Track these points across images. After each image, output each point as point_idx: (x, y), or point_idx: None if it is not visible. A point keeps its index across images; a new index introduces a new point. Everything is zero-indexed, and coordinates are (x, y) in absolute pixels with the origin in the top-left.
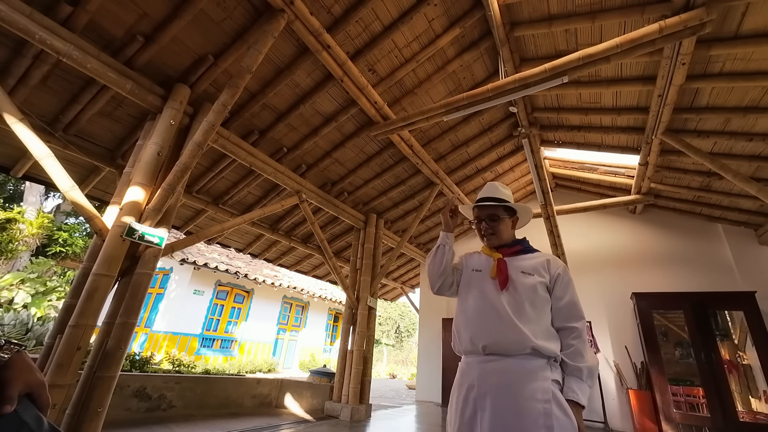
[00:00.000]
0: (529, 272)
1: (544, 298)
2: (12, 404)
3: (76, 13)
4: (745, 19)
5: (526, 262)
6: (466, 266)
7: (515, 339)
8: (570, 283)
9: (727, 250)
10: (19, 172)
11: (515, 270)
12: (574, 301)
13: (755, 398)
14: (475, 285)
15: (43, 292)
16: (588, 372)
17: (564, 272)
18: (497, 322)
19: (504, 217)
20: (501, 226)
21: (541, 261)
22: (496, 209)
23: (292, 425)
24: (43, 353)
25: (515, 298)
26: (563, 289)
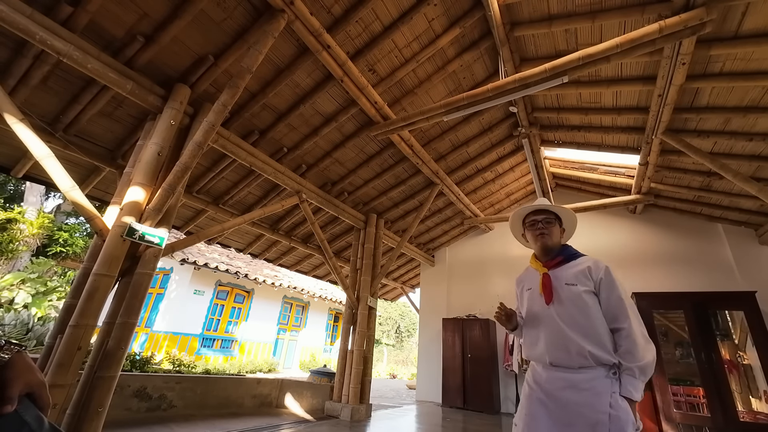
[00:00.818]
0: (573, 282)
1: (592, 305)
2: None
3: (77, 13)
4: (745, 19)
5: (569, 272)
6: (521, 289)
7: (573, 349)
8: (613, 284)
9: (727, 250)
10: (19, 172)
11: (559, 282)
12: (619, 301)
13: (756, 398)
14: (530, 304)
15: (44, 292)
16: (639, 370)
17: (606, 275)
18: (554, 336)
19: (555, 223)
20: (553, 228)
21: (583, 269)
22: (550, 214)
23: (293, 425)
24: (44, 353)
25: (564, 310)
26: (608, 291)
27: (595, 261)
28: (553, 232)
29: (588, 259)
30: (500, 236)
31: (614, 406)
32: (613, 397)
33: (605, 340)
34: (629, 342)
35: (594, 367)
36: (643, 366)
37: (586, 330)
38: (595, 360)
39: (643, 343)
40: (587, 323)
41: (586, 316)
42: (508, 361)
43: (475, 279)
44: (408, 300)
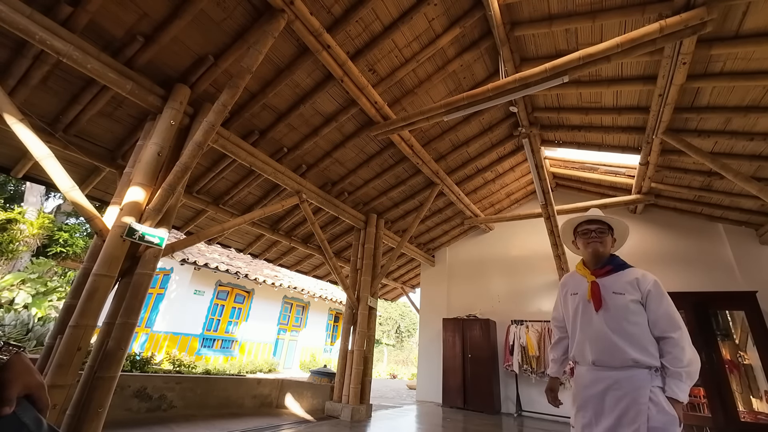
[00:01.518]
0: (620, 292)
1: (639, 314)
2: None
3: (76, 13)
4: (745, 19)
5: (617, 282)
6: (565, 293)
7: (617, 355)
8: (662, 296)
9: (728, 250)
10: (19, 172)
11: (607, 291)
12: (668, 313)
13: (756, 398)
14: (575, 308)
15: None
16: (686, 374)
17: (654, 287)
18: (600, 341)
19: (608, 233)
20: (606, 238)
21: (631, 280)
22: (603, 224)
23: (293, 425)
24: (44, 354)
25: (611, 317)
26: (656, 304)
27: (644, 273)
28: (605, 241)
29: (636, 271)
30: (500, 236)
31: (654, 400)
32: (653, 391)
33: (650, 348)
34: (678, 350)
35: (635, 367)
36: (690, 371)
37: (631, 338)
38: (636, 363)
39: (691, 352)
40: (633, 331)
41: (633, 324)
42: (508, 361)
43: (476, 279)
44: (408, 300)
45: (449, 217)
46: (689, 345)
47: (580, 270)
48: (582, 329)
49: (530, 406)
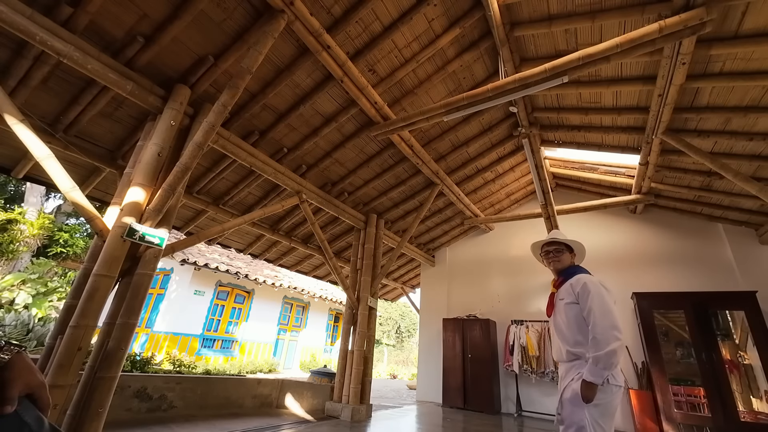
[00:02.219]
0: (562, 297)
1: (574, 314)
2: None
3: (77, 14)
4: (745, 19)
5: (563, 289)
6: None
7: (561, 350)
8: (587, 296)
9: (727, 250)
10: (19, 173)
11: (557, 298)
12: (590, 309)
13: (756, 398)
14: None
15: (44, 293)
16: (595, 359)
17: (582, 289)
18: (554, 341)
19: (565, 252)
20: (562, 257)
21: (568, 285)
22: (560, 245)
23: (293, 425)
24: (44, 354)
25: (557, 320)
26: (584, 302)
27: (578, 278)
28: (562, 258)
29: (575, 277)
30: (500, 236)
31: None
32: (576, 377)
33: (581, 341)
34: (593, 340)
35: (575, 359)
36: (599, 356)
37: (565, 335)
38: (573, 356)
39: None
40: (567, 329)
41: (567, 324)
42: (508, 362)
43: (476, 279)
44: (408, 300)
45: (449, 217)
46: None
47: (551, 284)
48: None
49: (530, 406)
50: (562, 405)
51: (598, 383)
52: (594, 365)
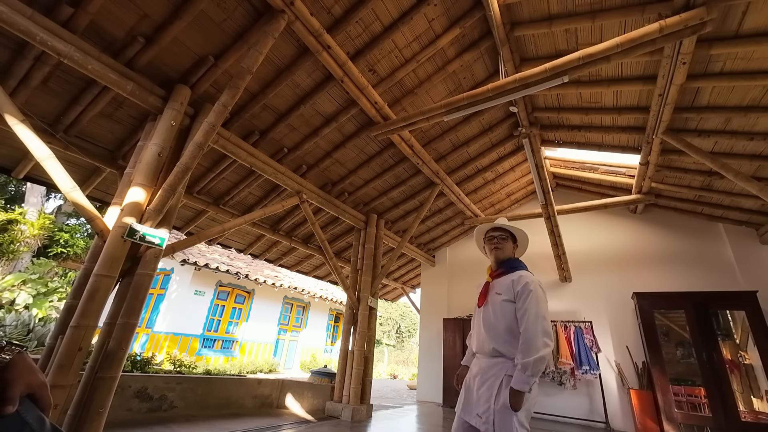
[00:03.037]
0: (500, 292)
1: (508, 312)
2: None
3: (77, 14)
4: (745, 19)
5: (502, 283)
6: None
7: (486, 345)
8: (527, 298)
9: (728, 250)
10: (20, 173)
11: (492, 290)
12: (525, 310)
13: (757, 398)
14: (476, 306)
15: (45, 293)
16: (524, 366)
17: (523, 289)
18: (479, 333)
19: (509, 240)
20: (506, 244)
21: (509, 282)
22: (505, 232)
23: (293, 425)
24: (45, 354)
25: (488, 313)
26: (521, 302)
27: (521, 276)
28: (505, 247)
29: (517, 273)
30: None
31: (500, 389)
32: (504, 380)
33: (512, 342)
34: (523, 344)
35: (499, 356)
36: (528, 362)
37: (497, 332)
38: (499, 353)
39: (537, 345)
40: (499, 326)
41: (499, 320)
42: None
43: (476, 279)
44: (408, 300)
45: (449, 217)
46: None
47: (487, 272)
48: (474, 324)
49: None
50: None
51: (526, 391)
52: (522, 372)
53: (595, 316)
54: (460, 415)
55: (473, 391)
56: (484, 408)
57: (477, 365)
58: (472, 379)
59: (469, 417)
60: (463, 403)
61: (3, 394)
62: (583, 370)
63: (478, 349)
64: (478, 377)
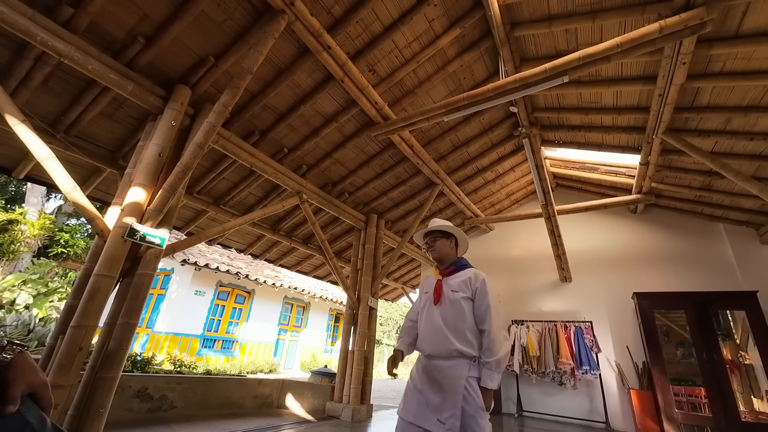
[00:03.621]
0: (456, 289)
1: (468, 310)
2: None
3: (78, 14)
4: (745, 19)
5: (456, 281)
6: (422, 292)
7: (445, 346)
8: (486, 294)
9: (728, 250)
10: (20, 173)
11: (447, 288)
12: (486, 308)
13: (757, 398)
14: (423, 304)
15: (45, 293)
16: (495, 363)
17: (481, 285)
18: (435, 333)
19: (440, 239)
20: (438, 244)
21: (465, 279)
22: (435, 233)
23: (294, 425)
24: (45, 354)
25: (446, 312)
26: (480, 299)
27: (476, 273)
28: (438, 247)
29: (471, 271)
30: (501, 236)
31: (469, 389)
32: (469, 381)
33: (473, 340)
34: (489, 341)
35: (459, 357)
36: (498, 360)
37: (458, 331)
38: (460, 353)
39: (501, 341)
40: (461, 325)
41: (460, 319)
42: (509, 362)
43: None
44: (409, 300)
45: (450, 218)
46: (502, 341)
47: (434, 271)
48: (425, 323)
49: (531, 406)
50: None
51: (495, 389)
52: (491, 370)
53: (595, 316)
54: (413, 422)
55: (430, 395)
56: (449, 414)
57: (431, 368)
58: (427, 383)
59: (426, 423)
60: (416, 409)
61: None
62: (584, 370)
63: (433, 350)
64: (434, 381)
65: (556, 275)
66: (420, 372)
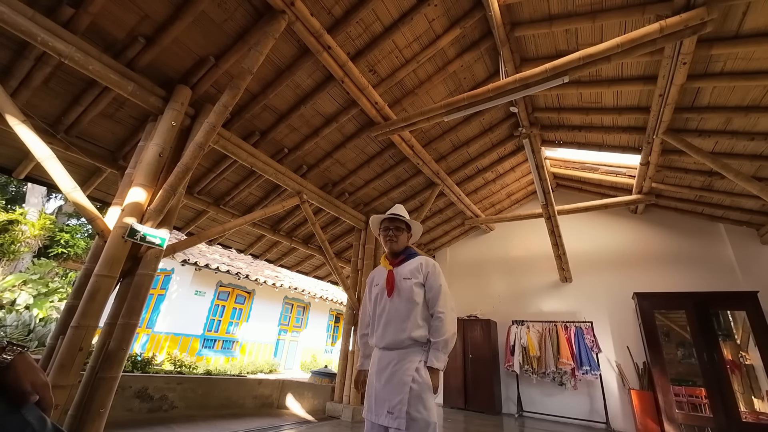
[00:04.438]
0: (408, 277)
1: (420, 295)
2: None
3: (78, 15)
4: (745, 19)
5: (407, 268)
6: (372, 284)
7: (401, 335)
8: (437, 277)
9: (729, 250)
10: (21, 173)
11: (399, 277)
12: (438, 290)
13: (758, 398)
14: (375, 297)
15: (45, 294)
16: (443, 343)
17: (432, 269)
18: (390, 323)
19: (404, 230)
20: (401, 236)
21: (416, 265)
22: (401, 223)
23: (294, 426)
24: (45, 354)
25: (400, 300)
26: (432, 281)
27: (426, 259)
28: (400, 238)
29: (421, 258)
30: (501, 236)
31: (418, 371)
32: (419, 364)
33: (423, 325)
34: (438, 322)
35: (412, 345)
36: (446, 340)
37: (413, 317)
38: (414, 340)
39: (450, 321)
40: (415, 310)
41: (413, 304)
42: (509, 362)
43: (476, 279)
44: None
45: (450, 218)
46: (451, 321)
47: (383, 262)
48: (379, 316)
49: (531, 406)
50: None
51: (442, 369)
52: (437, 350)
53: (595, 317)
54: (370, 419)
55: (380, 389)
56: (397, 400)
57: (385, 360)
58: (377, 376)
59: (379, 418)
60: (372, 405)
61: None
62: (584, 370)
63: (389, 342)
64: (387, 372)
65: (556, 275)
66: (374, 366)
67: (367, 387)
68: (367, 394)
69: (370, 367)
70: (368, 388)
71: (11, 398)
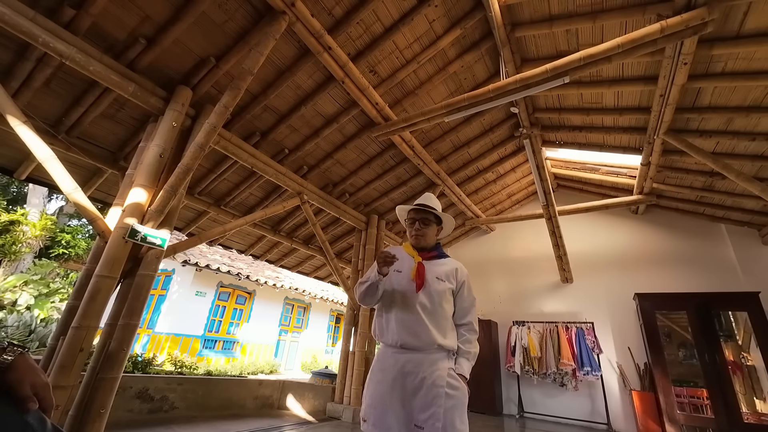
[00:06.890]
0: (442, 279)
1: (451, 303)
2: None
3: (79, 16)
4: (747, 19)
5: (441, 269)
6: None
7: (425, 338)
8: (471, 289)
9: (730, 251)
10: (22, 174)
11: (432, 275)
12: (472, 302)
13: (760, 399)
14: (396, 286)
15: (46, 294)
16: (474, 355)
17: (468, 281)
18: (413, 323)
19: (433, 224)
20: (429, 230)
21: (451, 269)
22: (429, 215)
23: (294, 426)
24: (46, 355)
25: (429, 302)
26: (467, 293)
27: (460, 265)
28: (428, 233)
29: (454, 262)
30: (502, 237)
31: (450, 382)
32: (450, 373)
33: (452, 333)
34: (471, 334)
35: (439, 351)
36: (475, 353)
37: (441, 323)
38: (441, 347)
39: (476, 335)
40: (444, 316)
41: (444, 310)
42: (510, 363)
43: (477, 280)
44: None
45: None
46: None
47: (407, 249)
48: (398, 309)
49: (532, 407)
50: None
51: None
52: (468, 360)
53: (596, 317)
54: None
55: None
56: (428, 414)
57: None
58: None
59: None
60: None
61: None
62: (585, 371)
63: (412, 343)
64: (408, 377)
65: (557, 276)
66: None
67: (372, 395)
68: (370, 403)
69: (375, 373)
70: (374, 396)
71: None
